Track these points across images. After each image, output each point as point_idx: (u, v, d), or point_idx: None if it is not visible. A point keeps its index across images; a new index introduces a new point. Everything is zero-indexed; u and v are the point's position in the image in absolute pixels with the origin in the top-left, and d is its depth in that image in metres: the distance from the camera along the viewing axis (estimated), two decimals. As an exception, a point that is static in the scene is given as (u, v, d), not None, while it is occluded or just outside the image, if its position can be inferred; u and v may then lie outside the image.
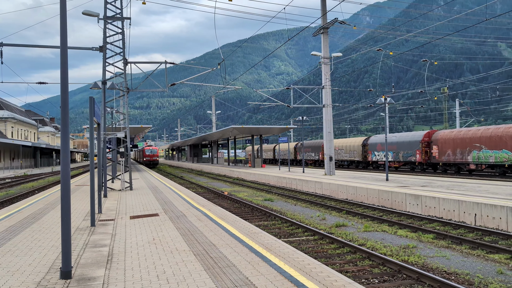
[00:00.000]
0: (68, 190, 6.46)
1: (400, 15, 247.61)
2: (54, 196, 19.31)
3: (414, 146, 37.56)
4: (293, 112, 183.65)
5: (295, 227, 13.63)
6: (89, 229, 10.56)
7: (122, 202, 16.47)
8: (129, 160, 23.11)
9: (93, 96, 10.69)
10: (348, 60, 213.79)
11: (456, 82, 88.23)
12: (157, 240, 9.06)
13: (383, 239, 11.87)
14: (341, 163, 51.26)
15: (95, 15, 20.68)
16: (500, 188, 18.04)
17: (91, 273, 6.62)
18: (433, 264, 9.20)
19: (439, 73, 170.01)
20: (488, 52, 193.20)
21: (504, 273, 8.60)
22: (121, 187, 21.72)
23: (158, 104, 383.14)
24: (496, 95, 59.65)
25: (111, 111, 25.64)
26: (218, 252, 7.79)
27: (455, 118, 56.42)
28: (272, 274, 6.29)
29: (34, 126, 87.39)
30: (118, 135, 19.75)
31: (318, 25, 29.68)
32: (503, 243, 11.15)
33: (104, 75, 22.57)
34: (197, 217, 12.11)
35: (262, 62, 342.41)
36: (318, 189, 24.17)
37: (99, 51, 21.31)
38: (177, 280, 6.17)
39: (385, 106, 23.88)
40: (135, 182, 26.34)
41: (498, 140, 29.11)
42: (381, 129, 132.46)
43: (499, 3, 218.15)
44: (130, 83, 23.43)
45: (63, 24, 6.53)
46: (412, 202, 16.44)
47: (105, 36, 22.84)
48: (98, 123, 12.26)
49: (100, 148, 13.42)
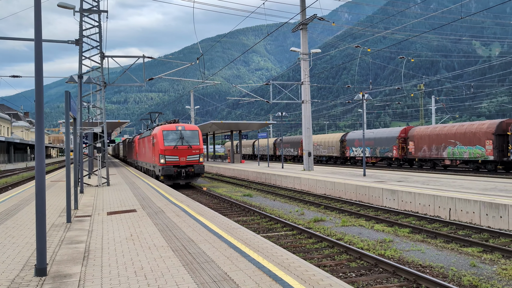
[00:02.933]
0: (43, 186, 6.34)
1: (378, 12, 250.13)
2: (29, 192, 18.92)
3: (391, 142, 38.10)
4: (272, 107, 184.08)
5: (274, 222, 13.69)
6: (65, 226, 10.39)
7: (99, 198, 16.25)
8: (106, 155, 22.82)
9: (69, 90, 10.50)
10: (327, 56, 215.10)
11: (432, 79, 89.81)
12: (134, 236, 8.98)
13: (360, 233, 12.03)
14: (320, 158, 51.64)
15: (71, 7, 20.25)
16: (473, 183, 18.46)
17: (67, 270, 6.52)
18: (409, 258, 9.37)
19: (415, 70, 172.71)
20: (463, 50, 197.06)
21: (477, 266, 8.82)
22: (98, 183, 21.43)
23: (136, 99, 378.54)
24: (471, 92, 60.94)
25: (87, 106, 25.24)
26: (196, 248, 7.77)
27: (431, 114, 57.43)
28: (251, 269, 6.31)
29: (7, 120, 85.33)
30: (94, 130, 19.46)
31: (297, 21, 29.75)
32: (476, 236, 11.43)
33: (81, 69, 22.16)
34: (176, 213, 12.04)
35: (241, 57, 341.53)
36: (297, 185, 24.30)
37: (75, 44, 20.91)
38: (155, 276, 6.13)
39: (363, 102, 24.12)
40: (112, 178, 26.01)
41: (472, 136, 29.76)
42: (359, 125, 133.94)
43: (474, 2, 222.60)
44: (107, 77, 23.08)
45: (38, 16, 6.38)
46: (389, 197, 16.69)
47: (81, 29, 22.42)
48: (74, 117, 12.05)
49: (76, 143, 13.21)
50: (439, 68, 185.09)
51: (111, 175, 28.26)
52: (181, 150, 24.26)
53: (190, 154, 24.43)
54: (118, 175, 29.68)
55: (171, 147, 24.06)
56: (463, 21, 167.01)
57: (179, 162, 24.14)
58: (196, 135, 25.00)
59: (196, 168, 24.35)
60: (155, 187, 20.08)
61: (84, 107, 24.07)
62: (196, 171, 24.31)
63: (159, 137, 24.43)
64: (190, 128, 25.24)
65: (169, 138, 24.31)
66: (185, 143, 24.36)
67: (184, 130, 24.76)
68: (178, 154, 24.20)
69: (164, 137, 24.32)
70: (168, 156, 24.03)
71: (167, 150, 24.01)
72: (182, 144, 24.29)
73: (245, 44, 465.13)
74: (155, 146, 25.15)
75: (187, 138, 24.56)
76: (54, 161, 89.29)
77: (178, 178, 24.25)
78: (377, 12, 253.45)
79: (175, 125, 25.11)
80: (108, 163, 24.71)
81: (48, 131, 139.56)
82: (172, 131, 24.63)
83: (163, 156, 23.92)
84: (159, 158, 23.95)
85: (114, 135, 65.28)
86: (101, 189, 19.50)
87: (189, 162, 24.39)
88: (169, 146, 24.08)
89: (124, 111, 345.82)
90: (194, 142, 24.68)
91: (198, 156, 24.62)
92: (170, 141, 24.21)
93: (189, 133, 24.84)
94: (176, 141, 24.27)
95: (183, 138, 24.43)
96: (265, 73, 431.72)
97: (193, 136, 24.89)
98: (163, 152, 23.99)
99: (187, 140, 24.50)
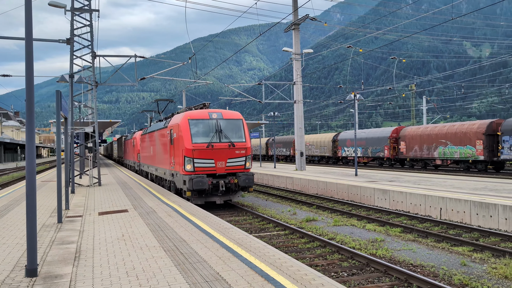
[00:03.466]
0: (33, 186, 6.29)
1: (370, 13, 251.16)
2: (19, 192, 18.77)
3: (382, 142, 38.29)
4: (264, 107, 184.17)
5: (266, 222, 13.70)
6: (56, 226, 10.32)
7: (90, 198, 16.16)
8: (98, 155, 22.69)
9: (60, 90, 10.43)
10: (319, 56, 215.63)
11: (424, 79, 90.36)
12: (126, 237, 8.94)
13: (352, 233, 12.08)
14: (312, 158, 51.75)
15: (62, 6, 20.11)
16: (464, 183, 18.61)
17: (58, 270, 6.48)
18: (400, 257, 9.42)
19: (407, 70, 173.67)
20: (454, 51, 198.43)
21: (467, 265, 8.89)
22: (89, 183, 21.31)
23: (128, 98, 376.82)
24: (461, 93, 61.36)
25: (78, 105, 25.09)
26: (188, 248, 7.75)
27: (422, 114, 57.80)
28: (243, 269, 6.31)
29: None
30: (86, 129, 19.34)
31: (290, 21, 29.80)
32: (467, 236, 11.53)
33: (72, 68, 22.03)
34: (168, 213, 12.01)
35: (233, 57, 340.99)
36: (289, 184, 24.34)
37: (66, 43, 20.77)
38: (147, 276, 6.11)
39: (355, 102, 24.24)
40: (103, 178, 25.88)
41: (463, 136, 29.98)
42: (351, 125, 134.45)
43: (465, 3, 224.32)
44: (98, 77, 22.96)
45: (28, 15, 6.34)
46: (380, 197, 16.77)
47: (72, 28, 22.28)
48: (65, 117, 11.98)
49: (68, 143, 13.13)
50: (430, 69, 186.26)
51: (103, 175, 28.12)
52: (219, 150, 15.95)
53: (233, 156, 16.17)
54: (109, 175, 29.54)
55: (203, 146, 15.75)
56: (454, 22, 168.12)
57: (215, 169, 15.93)
58: (239, 126, 16.73)
59: (241, 178, 16.00)
60: (147, 187, 20.02)
61: (76, 106, 23.92)
62: (241, 183, 15.96)
63: (183, 129, 16.07)
64: (230, 115, 16.86)
65: (200, 131, 16.05)
66: (224, 139, 16.11)
67: (222, 119, 16.48)
68: (214, 157, 15.90)
69: (191, 129, 16.01)
70: (199, 160, 15.75)
71: (196, 150, 15.70)
72: (220, 141, 16.02)
73: (237, 44, 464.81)
74: (176, 144, 16.89)
75: (227, 132, 16.30)
76: (45, 161, 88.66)
77: (214, 195, 16.13)
78: (369, 13, 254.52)
79: (207, 111, 16.73)
80: (100, 163, 24.60)
81: (39, 131, 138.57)
82: (203, 120, 16.29)
83: (191, 160, 15.68)
84: (184, 162, 15.75)
85: (106, 135, 64.95)
86: (93, 189, 19.40)
87: (230, 169, 16.14)
88: (199, 144, 15.78)
89: (115, 111, 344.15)
90: (237, 138, 16.40)
91: (244, 159, 16.40)
92: (200, 135, 15.98)
93: (230, 124, 16.56)
94: (210, 136, 16.00)
95: (221, 132, 16.15)
96: (257, 73, 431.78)
97: (236, 129, 16.60)
98: (191, 154, 15.68)
99: (226, 134, 16.21)
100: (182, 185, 16.15)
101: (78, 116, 24.95)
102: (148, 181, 23.40)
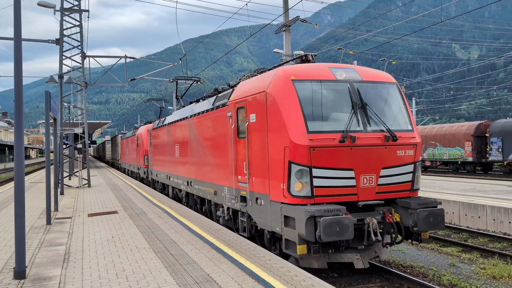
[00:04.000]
0: (22, 187, 6.23)
1: (360, 15, 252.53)
2: (7, 193, 18.57)
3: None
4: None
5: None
6: (45, 228, 10.23)
7: (79, 199, 16.04)
8: (88, 157, 22.53)
9: (49, 91, 10.35)
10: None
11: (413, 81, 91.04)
12: (116, 238, 8.89)
13: (343, 234, 12.10)
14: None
15: (51, 6, 19.95)
16: (453, 184, 18.77)
17: (47, 272, 6.42)
18: (390, 258, 9.47)
19: (397, 72, 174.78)
20: (443, 53, 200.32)
21: (456, 265, 8.97)
22: (78, 184, 21.16)
23: (118, 99, 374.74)
24: (450, 95, 62.01)
25: (68, 106, 24.92)
26: (179, 250, 7.73)
27: (411, 116, 58.13)
28: (233, 271, 6.30)
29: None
30: (75, 130, 19.23)
31: (280, 22, 29.82)
32: (455, 236, 11.63)
33: (61, 68, 21.86)
34: (158, 214, 11.96)
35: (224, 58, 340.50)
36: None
37: (56, 44, 20.63)
38: (137, 278, 6.08)
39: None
40: (93, 179, 25.70)
41: (452, 138, 30.26)
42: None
43: (454, 6, 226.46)
44: (88, 78, 22.82)
45: (17, 15, 6.28)
46: (371, 198, 16.82)
47: (61, 29, 22.12)
48: (55, 118, 11.89)
49: (57, 144, 13.02)
50: (420, 71, 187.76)
51: (92, 177, 27.92)
52: (365, 149, 7.26)
53: (392, 162, 7.45)
54: (99, 176, 29.35)
55: (332, 139, 7.11)
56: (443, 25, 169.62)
57: (356, 192, 7.25)
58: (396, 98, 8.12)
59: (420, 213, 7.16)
60: (137, 188, 19.91)
61: (65, 107, 23.74)
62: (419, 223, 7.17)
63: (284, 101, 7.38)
64: (374, 76, 8.22)
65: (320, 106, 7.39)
66: (373, 125, 7.50)
67: (362, 82, 7.84)
68: (354, 164, 7.19)
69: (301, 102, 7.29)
70: (324, 171, 7.03)
71: (319, 148, 7.00)
72: (366, 130, 7.39)
73: (228, 45, 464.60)
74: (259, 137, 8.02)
75: (375, 109, 7.68)
76: (33, 162, 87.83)
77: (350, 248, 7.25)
78: (359, 15, 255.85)
79: (326, 65, 8.05)
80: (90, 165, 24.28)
81: (28, 132, 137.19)
82: (326, 82, 7.64)
83: (305, 171, 6.98)
84: (288, 176, 7.07)
85: (96, 136, 64.51)
86: (82, 191, 19.26)
87: (386, 191, 7.45)
88: (324, 134, 7.13)
89: (105, 112, 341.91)
90: (397, 123, 7.78)
91: (411, 169, 7.64)
92: (323, 117, 7.32)
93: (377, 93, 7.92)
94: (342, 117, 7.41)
95: (364, 109, 7.55)
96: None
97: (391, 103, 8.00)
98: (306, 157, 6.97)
99: (376, 113, 7.63)
100: (281, 225, 7.46)
101: (68, 117, 24.76)
102: (139, 182, 23.14)
